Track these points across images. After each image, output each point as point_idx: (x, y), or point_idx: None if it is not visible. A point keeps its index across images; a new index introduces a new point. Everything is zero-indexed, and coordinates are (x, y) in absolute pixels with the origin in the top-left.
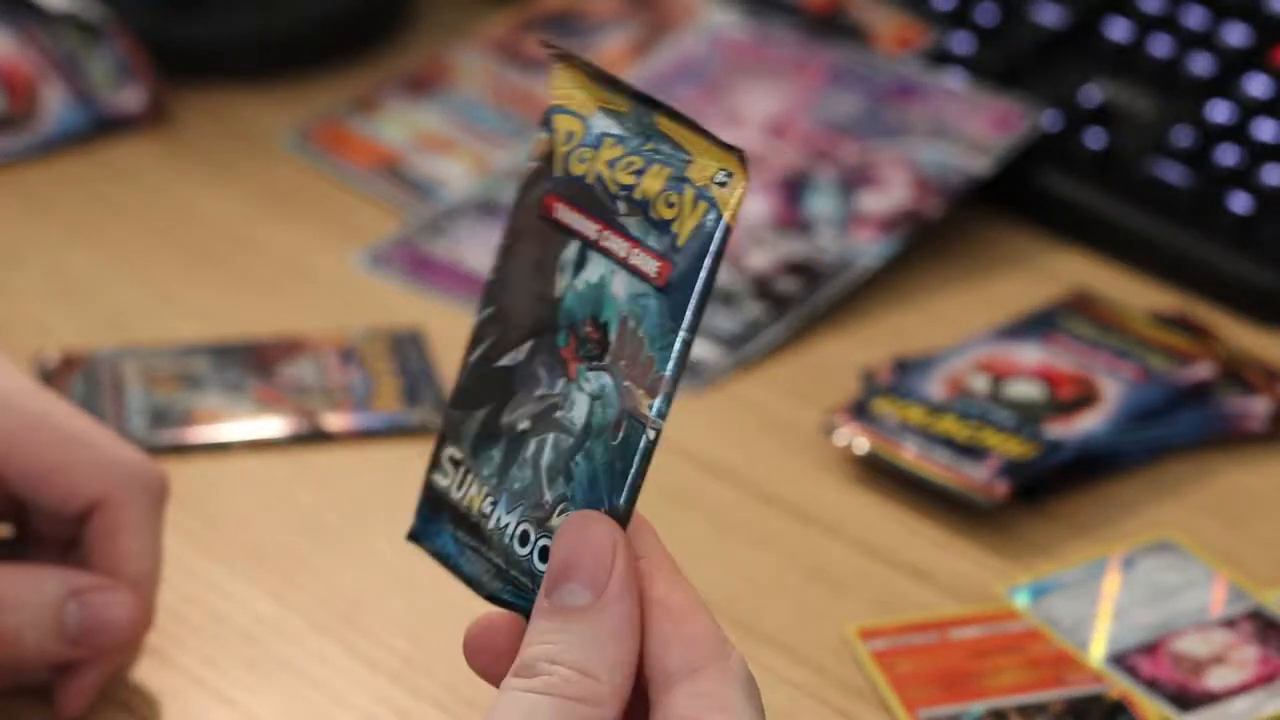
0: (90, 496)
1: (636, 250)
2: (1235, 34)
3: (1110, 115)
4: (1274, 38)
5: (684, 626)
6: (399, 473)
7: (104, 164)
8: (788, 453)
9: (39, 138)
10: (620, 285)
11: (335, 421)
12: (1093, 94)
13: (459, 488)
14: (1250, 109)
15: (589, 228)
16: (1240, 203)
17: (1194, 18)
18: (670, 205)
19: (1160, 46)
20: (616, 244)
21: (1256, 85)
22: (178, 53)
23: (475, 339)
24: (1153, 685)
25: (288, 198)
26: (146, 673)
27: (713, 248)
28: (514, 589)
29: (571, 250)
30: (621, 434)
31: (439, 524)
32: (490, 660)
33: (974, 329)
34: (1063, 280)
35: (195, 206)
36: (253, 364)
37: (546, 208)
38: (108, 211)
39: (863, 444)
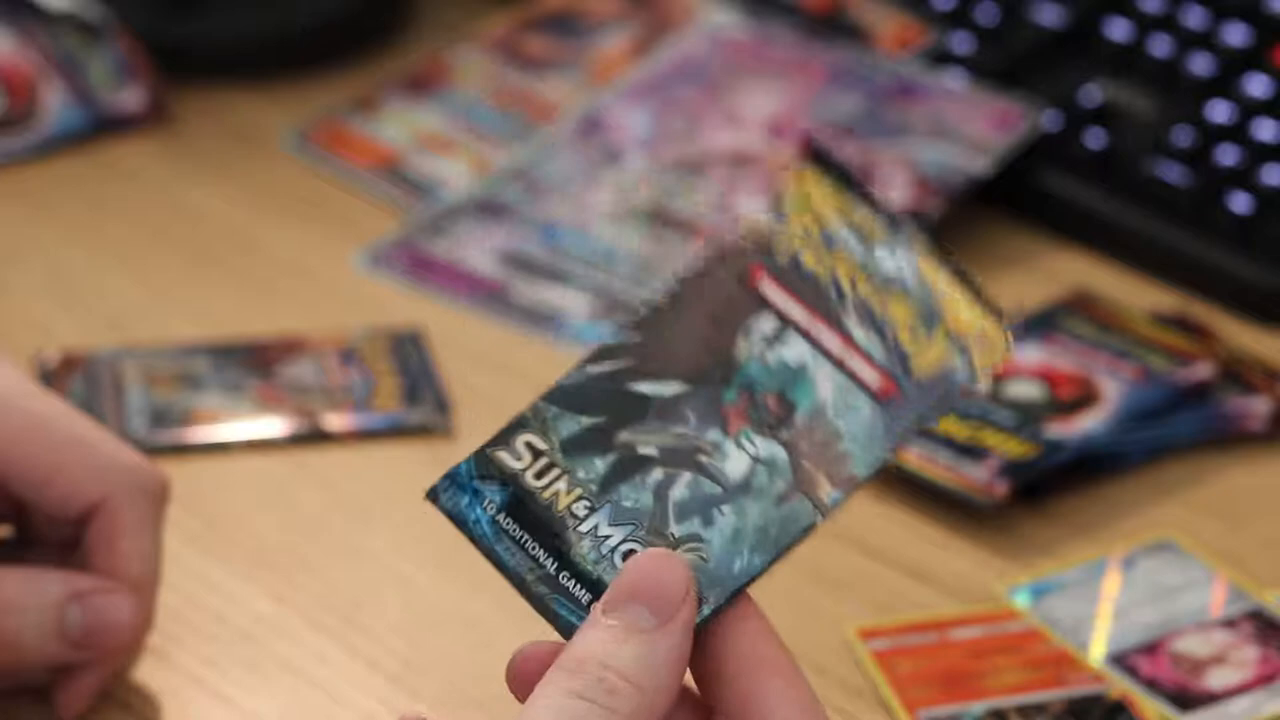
0: (90, 498)
1: (856, 356)
2: (1235, 34)
3: (1110, 115)
4: (1274, 38)
5: (794, 686)
6: (399, 473)
7: (104, 164)
8: None
9: (39, 138)
10: (825, 378)
11: (335, 421)
12: (1093, 94)
13: (538, 477)
14: (1250, 109)
15: (798, 313)
16: (1240, 203)
17: (1194, 18)
18: (914, 338)
19: (1160, 46)
20: (831, 341)
21: (1256, 85)
22: (178, 53)
23: (604, 354)
24: (1153, 685)
25: (288, 198)
26: (146, 673)
27: (953, 395)
28: (563, 599)
29: (768, 322)
30: (787, 507)
31: (477, 498)
32: (530, 687)
33: None
34: (1063, 280)
35: (195, 206)
36: (253, 364)
37: (751, 276)
38: (108, 211)
39: None
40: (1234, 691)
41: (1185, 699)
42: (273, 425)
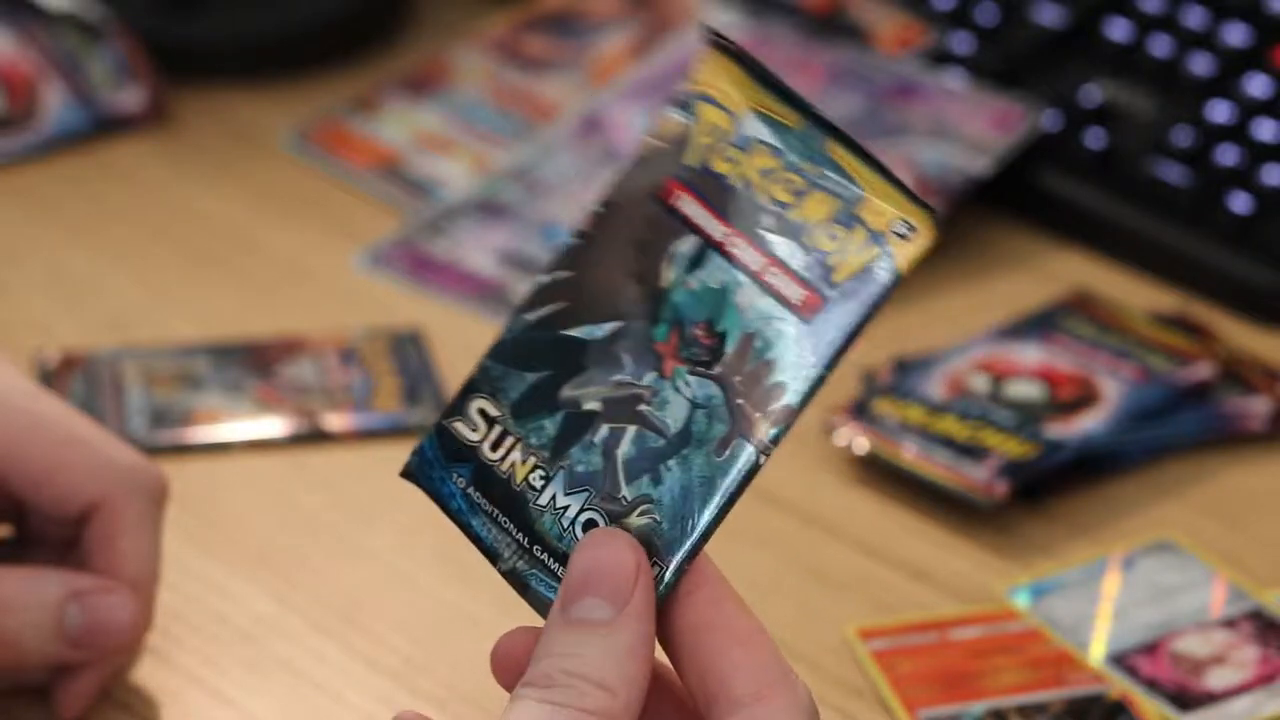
0: (89, 498)
1: (776, 270)
2: (1235, 34)
3: (1110, 115)
4: (1274, 38)
5: (752, 653)
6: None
7: (104, 164)
8: (788, 453)
9: (39, 138)
10: (748, 299)
11: (335, 421)
12: (1093, 94)
13: (494, 448)
14: (1250, 109)
15: (716, 228)
16: (1240, 203)
17: (1194, 18)
18: (833, 238)
19: (1160, 46)
20: (751, 256)
21: (1256, 85)
22: (178, 53)
23: (537, 298)
24: (1153, 685)
25: (288, 198)
26: (146, 673)
27: (878, 296)
28: (540, 573)
29: (688, 244)
30: (728, 453)
31: (445, 473)
32: (519, 676)
33: (974, 329)
34: (1063, 280)
35: (195, 206)
36: (253, 364)
37: (665, 192)
38: (108, 211)
39: (863, 444)
40: (1234, 691)
41: (1185, 699)
42: (273, 425)
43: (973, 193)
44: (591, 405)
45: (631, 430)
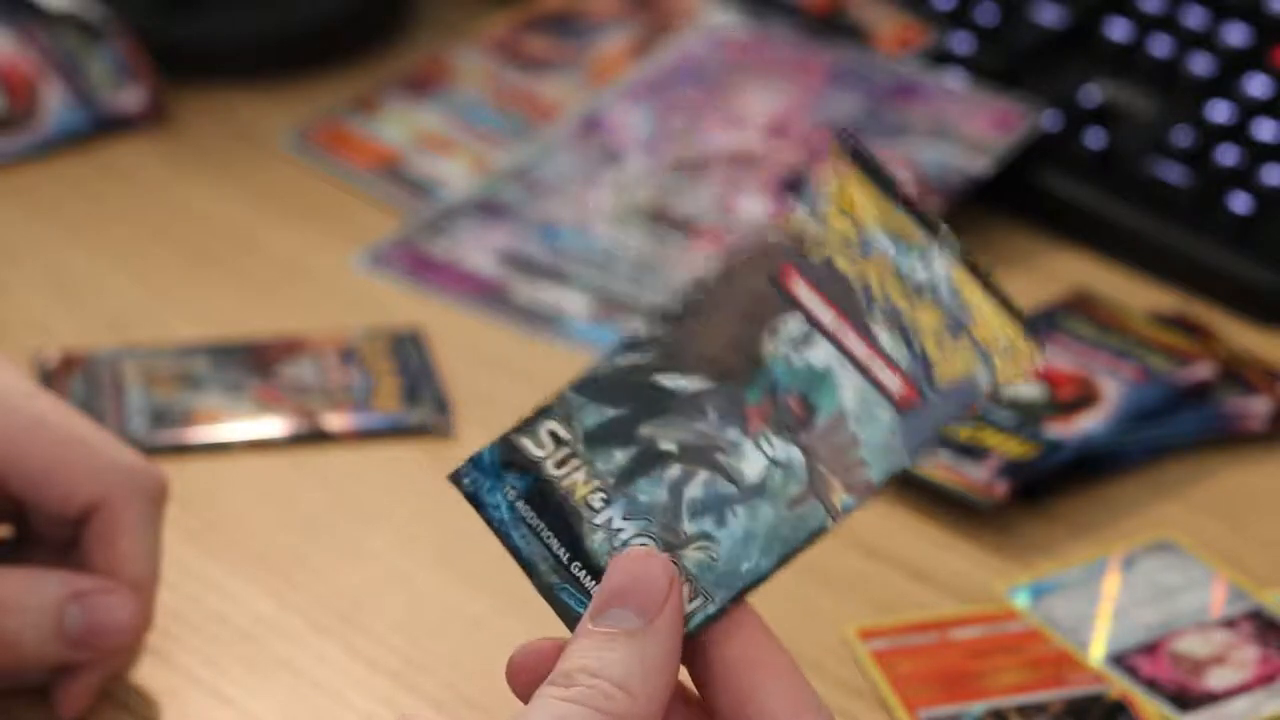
0: (89, 498)
1: (880, 362)
2: (1235, 34)
3: (1110, 115)
4: (1274, 38)
5: (790, 686)
6: (399, 473)
7: (104, 164)
8: None
9: (39, 138)
10: (848, 383)
11: (335, 421)
12: (1093, 94)
13: (558, 466)
14: (1250, 109)
15: (827, 315)
16: (1240, 203)
17: (1194, 18)
18: (939, 346)
19: (1160, 46)
20: (857, 346)
21: (1256, 85)
22: (178, 53)
23: (633, 345)
24: (1153, 685)
25: (288, 198)
26: (146, 673)
27: (970, 402)
28: (572, 588)
29: (796, 324)
30: (800, 510)
31: (498, 482)
32: (534, 686)
33: None
34: (1063, 280)
35: (195, 206)
36: (253, 364)
37: (783, 275)
38: (108, 211)
39: None
40: (1234, 691)
41: (1185, 699)
42: (273, 425)
43: (973, 193)
44: (668, 446)
45: (703, 474)
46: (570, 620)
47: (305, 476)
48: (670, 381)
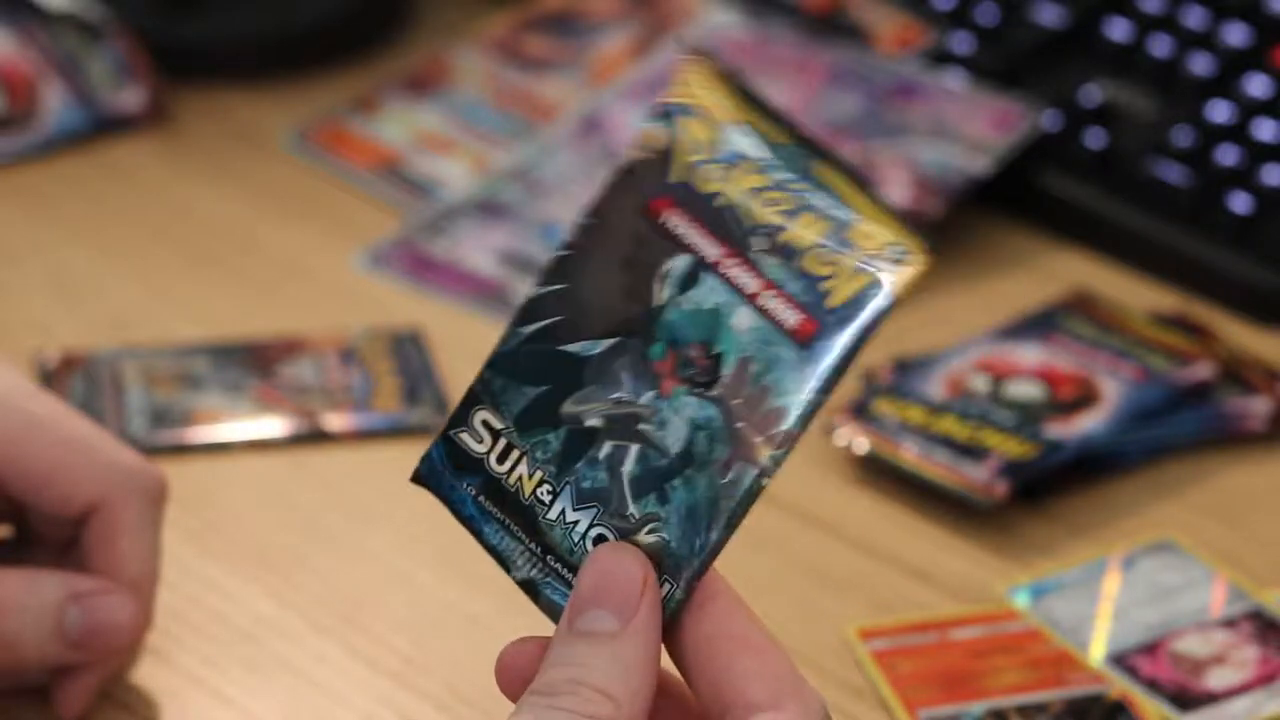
0: (89, 499)
1: (772, 294)
2: (1235, 34)
3: (1110, 115)
4: (1274, 38)
5: (767, 663)
6: (399, 473)
7: (104, 164)
8: None
9: (39, 138)
10: (744, 322)
11: (335, 421)
12: (1093, 94)
13: (500, 460)
14: (1250, 109)
15: (709, 249)
16: (1240, 203)
17: (1194, 18)
18: (825, 264)
19: (1160, 46)
20: (745, 279)
21: (1256, 85)
22: (178, 53)
23: (532, 311)
24: (1153, 685)
25: (288, 198)
26: (146, 673)
27: (873, 322)
28: (554, 582)
29: (680, 263)
30: (731, 475)
31: (457, 481)
32: (523, 685)
33: (974, 329)
34: (1063, 280)
35: (195, 206)
36: (253, 364)
37: (653, 209)
38: (108, 211)
39: (863, 444)
40: (1234, 691)
41: (1185, 699)
42: (273, 425)
43: (973, 193)
44: (593, 422)
45: (635, 448)
46: (555, 614)
47: (305, 477)
48: (577, 348)
